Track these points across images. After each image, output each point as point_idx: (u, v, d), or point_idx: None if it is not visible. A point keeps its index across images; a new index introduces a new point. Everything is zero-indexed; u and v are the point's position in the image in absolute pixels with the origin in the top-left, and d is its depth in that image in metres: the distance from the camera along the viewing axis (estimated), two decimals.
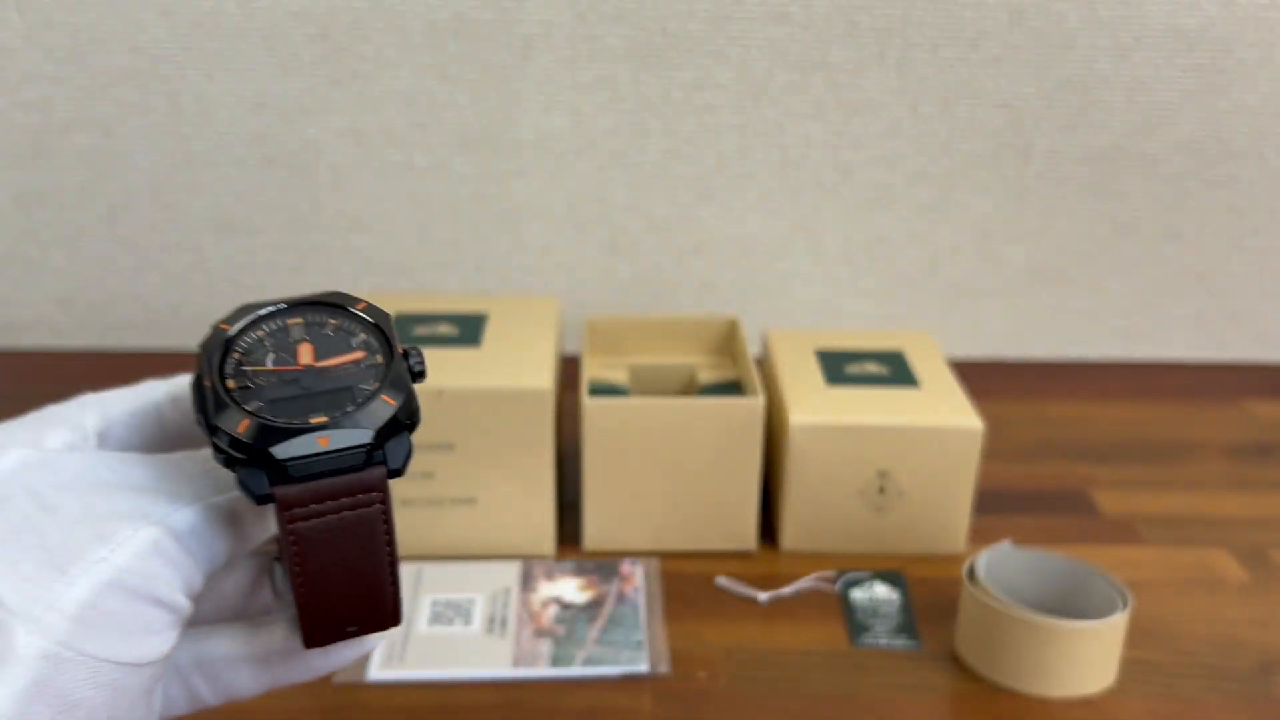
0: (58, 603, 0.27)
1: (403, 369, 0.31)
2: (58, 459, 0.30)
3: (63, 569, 0.27)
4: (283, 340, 0.32)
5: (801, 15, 0.79)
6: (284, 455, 0.28)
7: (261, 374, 0.30)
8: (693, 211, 0.85)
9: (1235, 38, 0.80)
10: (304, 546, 0.29)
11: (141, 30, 0.78)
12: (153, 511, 0.29)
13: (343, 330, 0.32)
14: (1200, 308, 0.89)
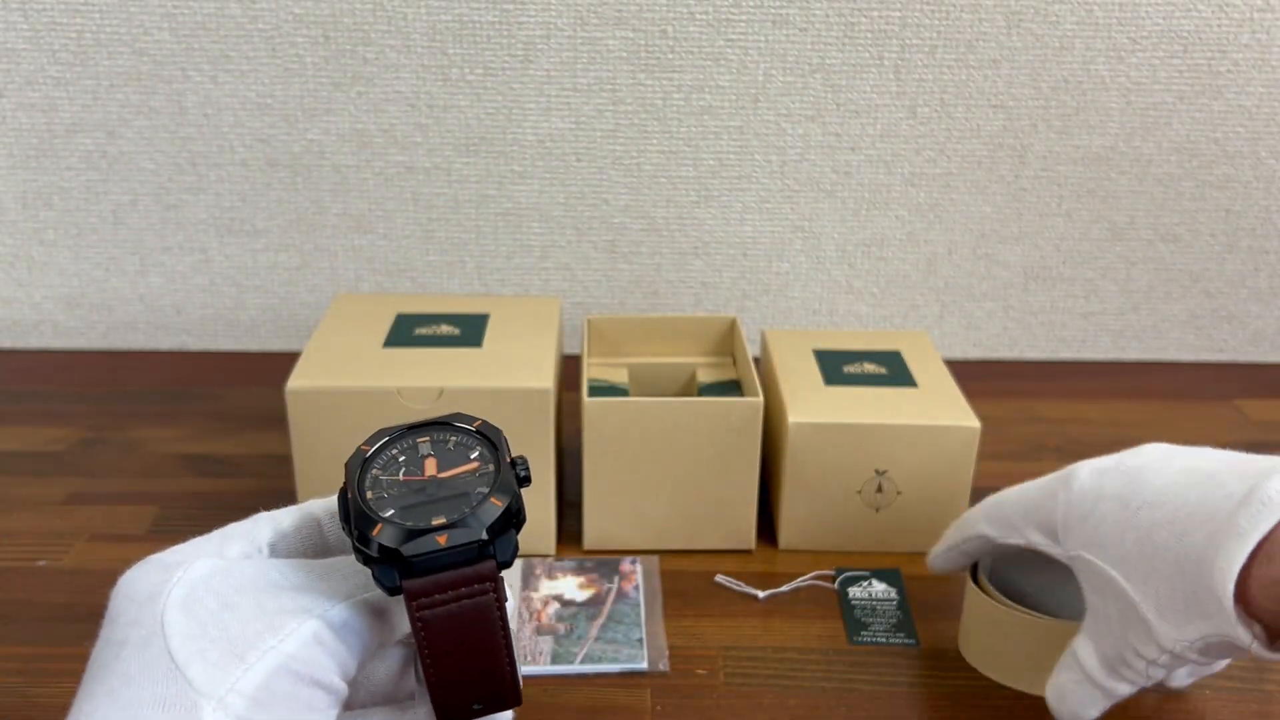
0: (238, 685, 0.32)
1: (510, 476, 0.36)
2: (236, 566, 0.35)
3: (241, 656, 0.32)
4: (412, 456, 0.37)
5: (800, 18, 0.79)
6: (410, 553, 0.33)
7: (395, 485, 0.36)
8: (692, 213, 0.85)
9: (1230, 40, 0.80)
10: (430, 632, 0.34)
11: (145, 33, 0.79)
12: (313, 607, 0.34)
13: (462, 445, 0.38)
14: (1195, 308, 0.89)
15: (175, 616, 0.33)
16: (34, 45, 0.79)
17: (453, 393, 0.60)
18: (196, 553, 0.36)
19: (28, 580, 0.61)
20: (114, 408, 0.79)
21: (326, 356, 0.63)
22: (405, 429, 0.38)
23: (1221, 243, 0.87)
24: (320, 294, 0.87)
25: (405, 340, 0.66)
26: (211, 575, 0.35)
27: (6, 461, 0.72)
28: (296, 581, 0.35)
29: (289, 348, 0.88)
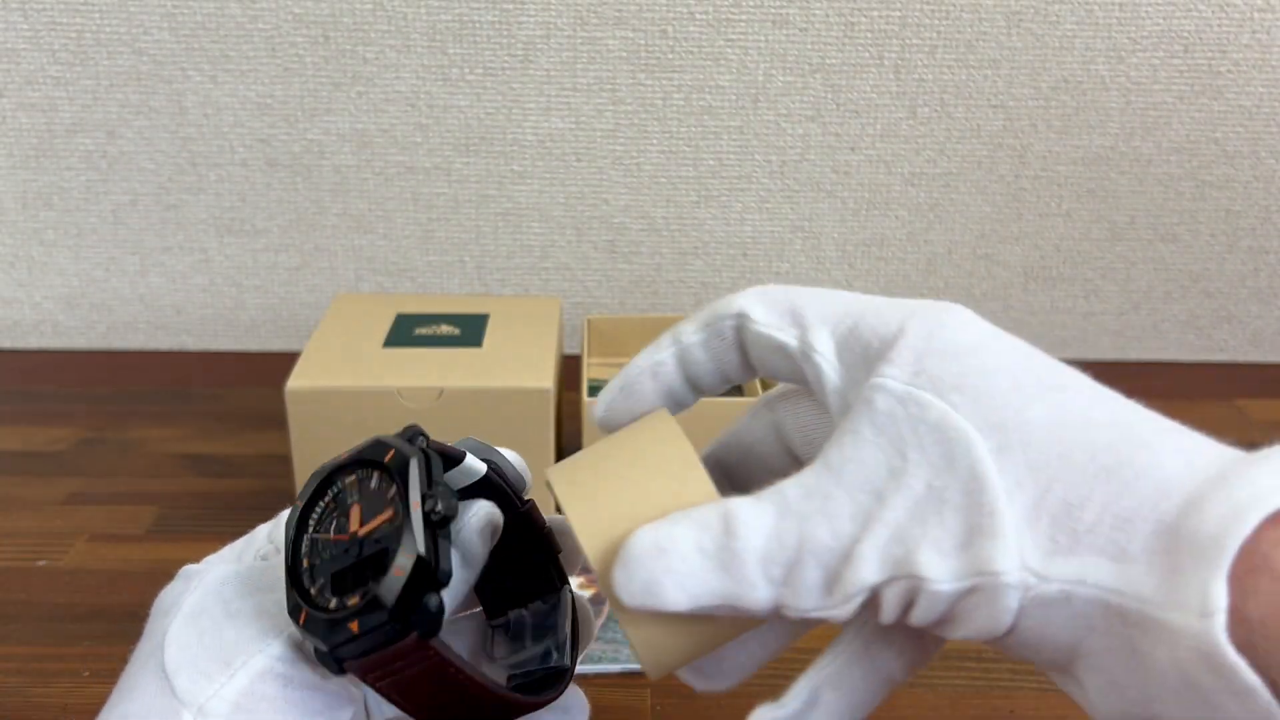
0: (221, 691, 0.32)
1: (418, 525, 0.31)
2: (249, 570, 0.36)
3: (228, 662, 0.32)
4: (343, 502, 0.34)
5: (800, 18, 0.79)
6: (330, 645, 0.31)
7: (326, 545, 0.33)
8: (692, 213, 0.85)
9: (1231, 40, 0.80)
10: (394, 697, 0.33)
11: (145, 33, 0.79)
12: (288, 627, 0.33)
13: (381, 485, 0.33)
14: (1195, 308, 0.89)
15: (178, 627, 0.33)
16: (34, 45, 0.79)
17: (453, 393, 0.60)
18: (220, 559, 0.37)
19: (27, 580, 0.61)
20: (114, 408, 0.79)
21: (326, 356, 0.63)
22: (332, 468, 0.35)
23: (1222, 243, 0.87)
24: (320, 294, 0.87)
25: (405, 340, 0.66)
26: (223, 583, 0.35)
27: (6, 461, 0.72)
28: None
29: (289, 348, 0.88)
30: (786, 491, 0.29)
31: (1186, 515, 0.25)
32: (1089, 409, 0.30)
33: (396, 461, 0.33)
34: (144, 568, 0.62)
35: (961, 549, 0.27)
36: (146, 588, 0.61)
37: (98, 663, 0.55)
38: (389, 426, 0.60)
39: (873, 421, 0.28)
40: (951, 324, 0.30)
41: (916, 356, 0.29)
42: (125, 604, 0.59)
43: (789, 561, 0.28)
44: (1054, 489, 0.27)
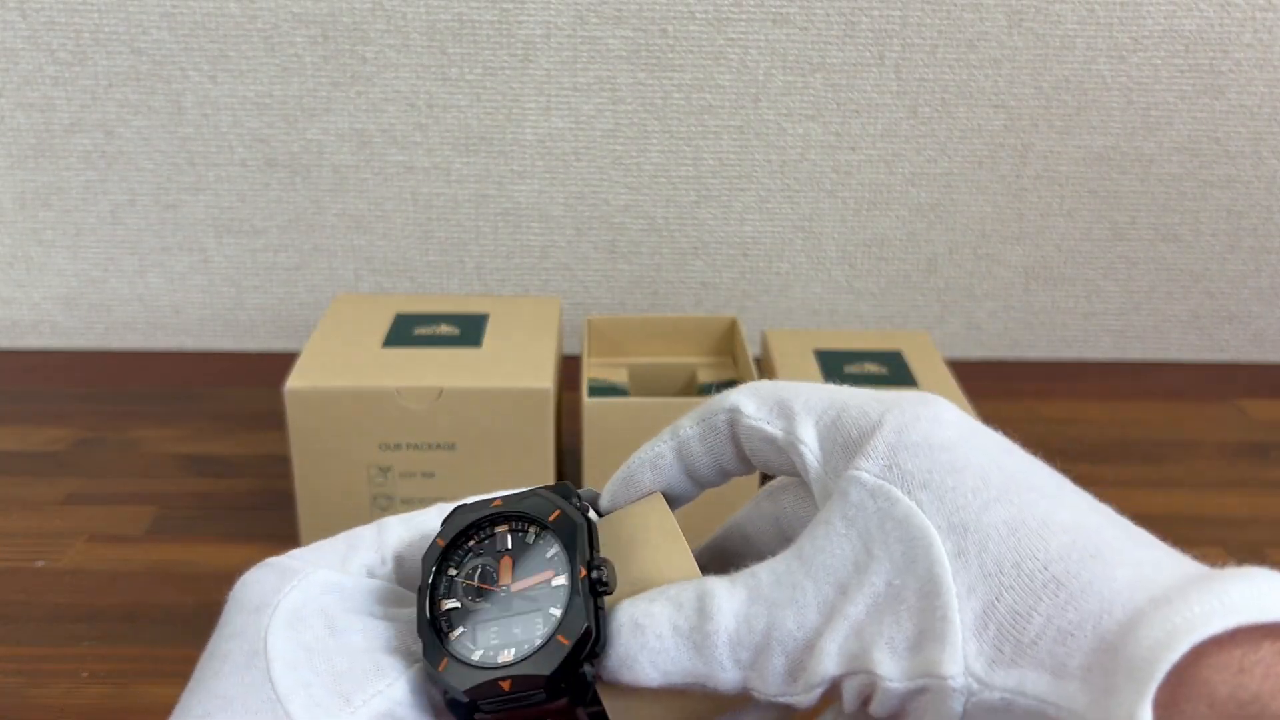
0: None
1: (583, 594, 0.31)
2: (352, 585, 0.33)
3: (347, 698, 0.29)
4: (490, 550, 0.33)
5: (800, 17, 0.79)
6: (471, 698, 0.30)
7: (470, 591, 0.32)
8: (692, 212, 0.85)
9: (1232, 39, 0.80)
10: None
11: (144, 32, 0.79)
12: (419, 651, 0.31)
13: (540, 541, 0.33)
14: (1196, 308, 0.89)
15: (280, 638, 0.30)
16: (32, 44, 0.79)
17: (452, 393, 0.60)
18: (317, 559, 0.33)
19: (26, 581, 0.61)
20: (112, 408, 0.79)
21: (325, 356, 0.63)
22: (486, 516, 0.34)
23: (1223, 242, 0.87)
24: (319, 294, 0.87)
25: (404, 340, 0.65)
26: (324, 592, 0.32)
27: (5, 461, 0.72)
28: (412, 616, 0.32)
29: (288, 348, 0.88)
30: (760, 576, 0.30)
31: (1124, 634, 0.25)
32: (1052, 513, 0.29)
33: (563, 525, 0.32)
34: (143, 568, 0.62)
35: (913, 650, 0.28)
36: (145, 588, 0.61)
37: (96, 663, 0.55)
38: (389, 427, 0.60)
39: (844, 514, 0.30)
40: (927, 418, 0.31)
41: (890, 450, 0.30)
42: (124, 604, 0.59)
43: (757, 647, 0.29)
44: (1004, 597, 0.27)
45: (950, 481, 0.29)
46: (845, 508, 0.30)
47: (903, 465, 0.30)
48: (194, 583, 0.61)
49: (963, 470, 0.29)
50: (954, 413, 0.31)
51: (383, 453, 0.61)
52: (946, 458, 0.30)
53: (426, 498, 0.61)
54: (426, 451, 0.61)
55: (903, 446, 0.30)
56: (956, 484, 0.29)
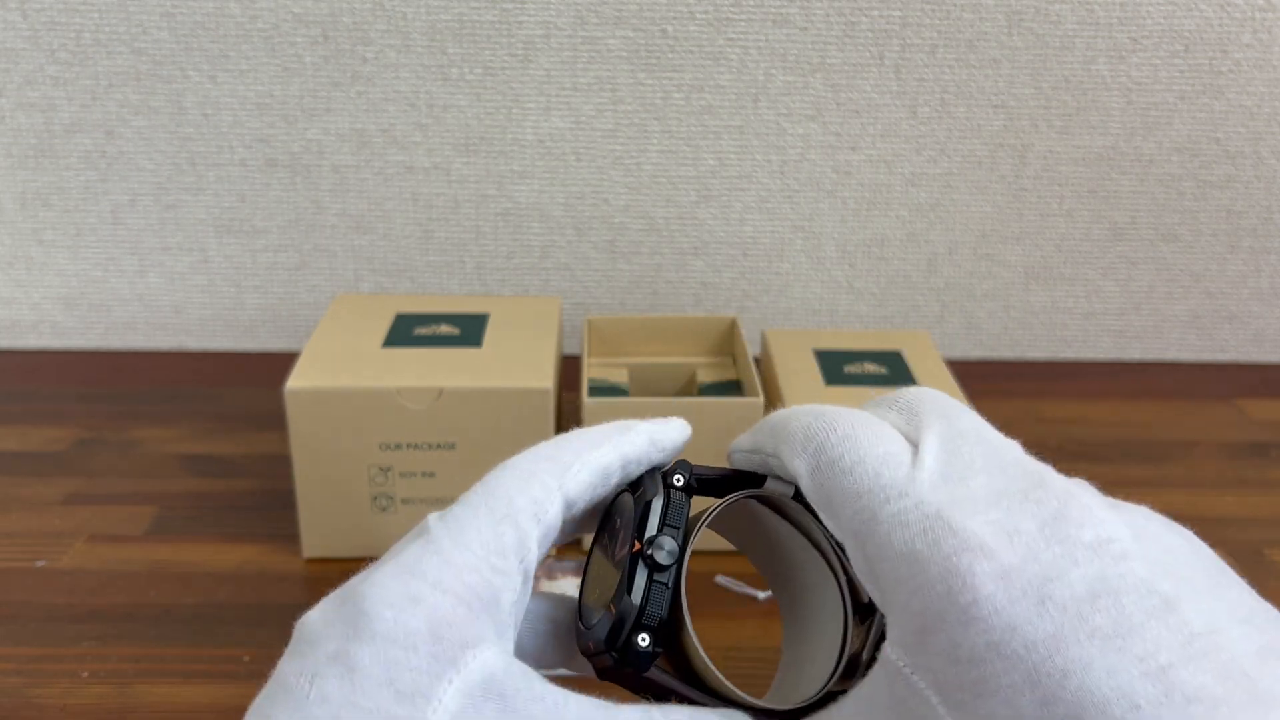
0: None
1: (633, 573, 0.31)
2: (516, 695, 0.26)
3: None
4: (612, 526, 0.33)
5: (800, 17, 0.79)
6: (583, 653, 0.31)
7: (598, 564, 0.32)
8: (692, 212, 0.85)
9: (1232, 39, 0.80)
10: None
11: (144, 32, 0.79)
12: None
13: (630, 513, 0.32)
14: (1196, 308, 0.89)
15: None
16: (33, 44, 0.79)
17: (452, 393, 0.60)
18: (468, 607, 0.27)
19: (26, 581, 0.61)
20: (112, 408, 0.79)
21: (326, 356, 0.63)
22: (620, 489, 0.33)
23: (1223, 242, 0.87)
24: (319, 294, 0.87)
25: (405, 340, 0.65)
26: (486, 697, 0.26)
27: (4, 461, 0.72)
28: None
29: (288, 348, 0.88)
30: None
31: None
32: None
33: (639, 499, 0.32)
34: (143, 568, 0.62)
35: None
36: (145, 588, 0.61)
37: (96, 663, 0.55)
38: (389, 427, 0.60)
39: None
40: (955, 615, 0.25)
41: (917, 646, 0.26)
42: (124, 604, 0.59)
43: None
44: None
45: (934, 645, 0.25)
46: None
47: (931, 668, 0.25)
48: (194, 583, 0.61)
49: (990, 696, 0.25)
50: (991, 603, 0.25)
51: (383, 453, 0.61)
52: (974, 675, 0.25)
53: (427, 498, 0.62)
54: (427, 451, 0.61)
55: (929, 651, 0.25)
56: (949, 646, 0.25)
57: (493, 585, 0.27)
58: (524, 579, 0.29)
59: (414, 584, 0.27)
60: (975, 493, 0.26)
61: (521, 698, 0.26)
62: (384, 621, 0.26)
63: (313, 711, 0.25)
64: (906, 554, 0.26)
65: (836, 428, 0.29)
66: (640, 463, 0.32)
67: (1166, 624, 0.23)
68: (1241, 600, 0.25)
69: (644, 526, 0.31)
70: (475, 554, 0.28)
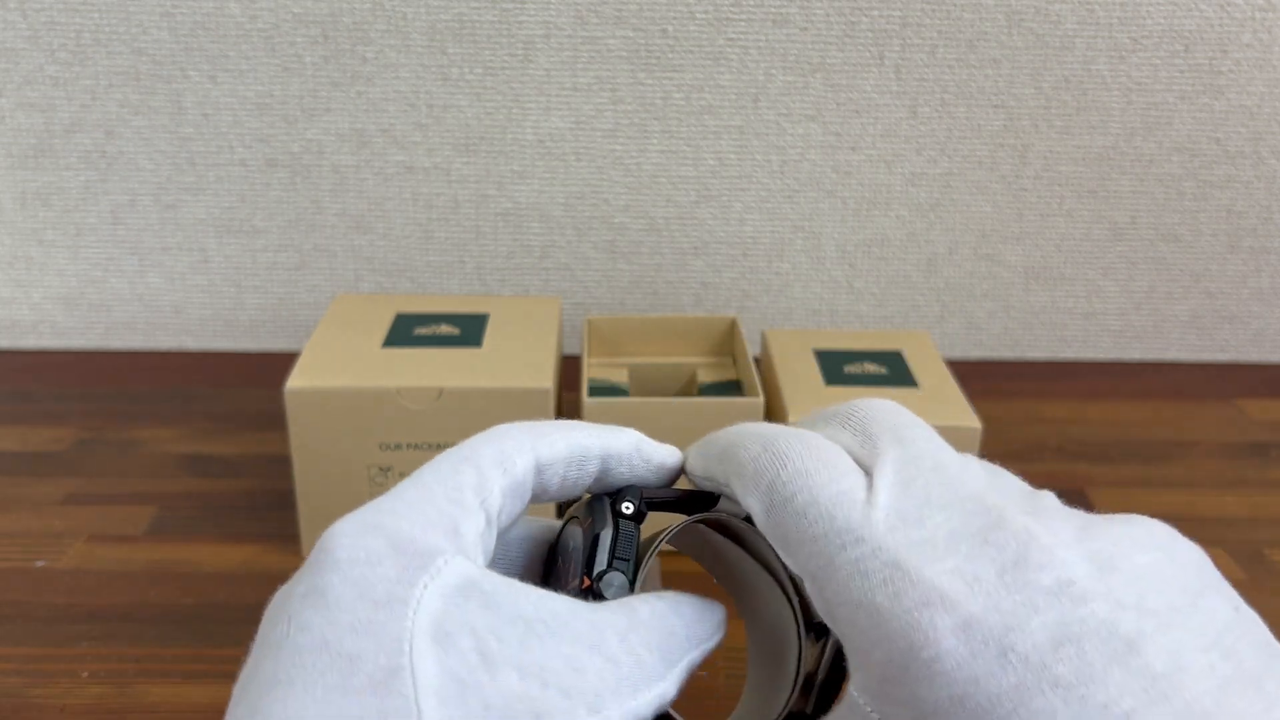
0: None
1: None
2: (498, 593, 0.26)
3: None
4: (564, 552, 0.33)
5: (800, 17, 0.79)
6: None
7: None
8: (692, 212, 0.85)
9: (1232, 39, 0.80)
10: None
11: (144, 32, 0.79)
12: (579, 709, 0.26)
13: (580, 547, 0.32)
14: (1196, 308, 0.89)
15: (430, 660, 0.25)
16: (32, 44, 0.79)
17: (452, 393, 0.60)
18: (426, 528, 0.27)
19: (25, 581, 0.61)
20: (112, 408, 0.79)
21: (326, 356, 0.63)
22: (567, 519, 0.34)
23: (1223, 242, 0.87)
24: (319, 294, 0.87)
25: (405, 340, 0.65)
26: (466, 597, 0.26)
27: (4, 461, 0.72)
28: (566, 637, 0.26)
29: (288, 348, 0.88)
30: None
31: None
32: None
33: (588, 532, 0.31)
34: (142, 568, 0.62)
35: None
36: (145, 588, 0.61)
37: (96, 663, 0.55)
38: (389, 427, 0.60)
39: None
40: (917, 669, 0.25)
41: (880, 696, 0.26)
42: (123, 604, 0.59)
43: None
44: None
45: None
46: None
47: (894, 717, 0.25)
48: (193, 583, 0.61)
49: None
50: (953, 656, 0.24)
51: (383, 453, 0.61)
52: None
53: None
54: (427, 451, 0.61)
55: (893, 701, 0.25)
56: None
57: (450, 515, 0.28)
58: (487, 520, 0.29)
59: (370, 516, 0.27)
60: (933, 535, 0.26)
61: (504, 594, 0.26)
62: (344, 549, 0.26)
63: (298, 641, 0.25)
64: (866, 605, 0.25)
65: (787, 463, 0.28)
66: (622, 463, 0.33)
67: (1128, 668, 0.23)
68: (1214, 618, 0.24)
69: (593, 561, 0.30)
70: (431, 489, 0.28)
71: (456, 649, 0.25)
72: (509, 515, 0.30)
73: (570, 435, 0.32)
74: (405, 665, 0.24)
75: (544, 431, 0.31)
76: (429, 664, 0.24)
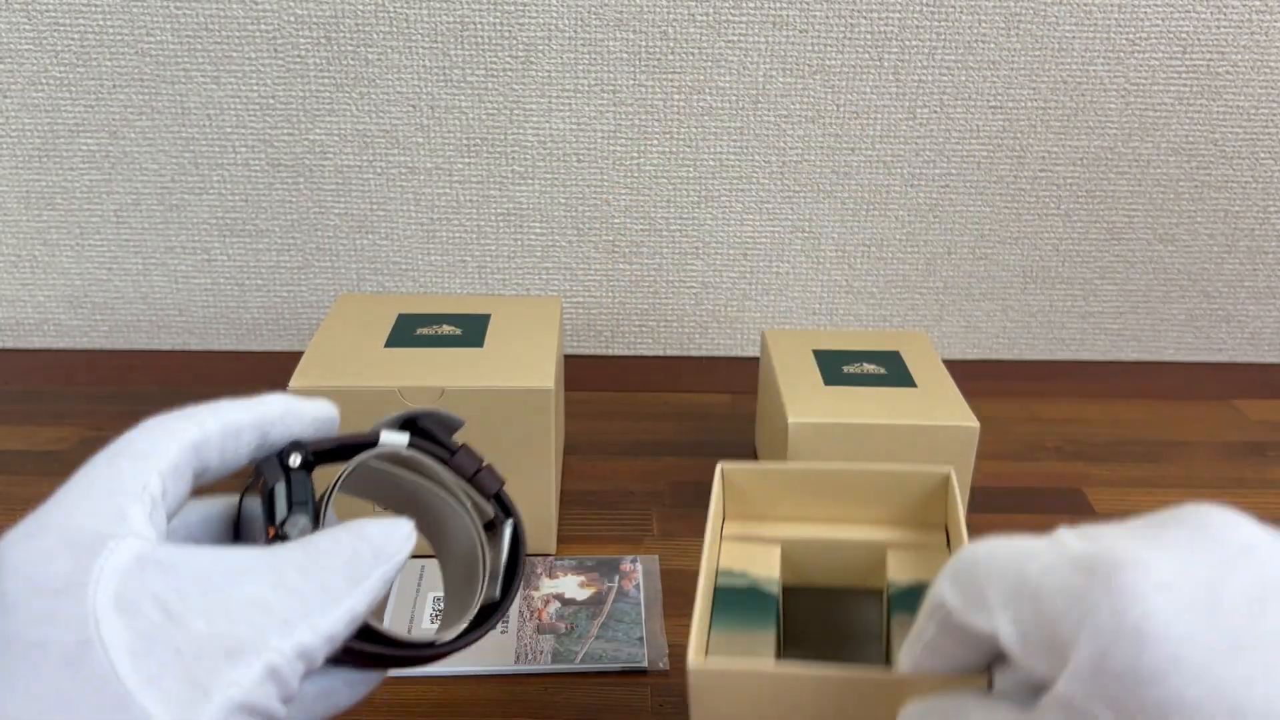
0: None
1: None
2: (172, 559, 0.29)
3: (205, 690, 0.27)
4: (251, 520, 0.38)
5: (800, 20, 0.80)
6: None
7: None
8: (692, 213, 0.85)
9: (1229, 42, 0.81)
10: None
11: (148, 34, 0.79)
12: (269, 636, 0.29)
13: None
14: (1193, 309, 0.90)
15: (115, 626, 0.27)
16: (37, 46, 0.79)
17: (454, 393, 0.60)
18: (94, 517, 0.30)
19: None
20: (116, 408, 0.79)
21: (328, 356, 0.63)
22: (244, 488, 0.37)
23: (1220, 244, 0.87)
24: (322, 294, 0.88)
25: (407, 340, 0.66)
26: (142, 568, 0.28)
27: (9, 461, 0.73)
28: (248, 593, 0.29)
29: (291, 348, 0.89)
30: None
31: None
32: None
33: (264, 490, 0.35)
34: None
35: None
36: None
37: None
38: None
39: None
40: (1128, 635, 0.25)
41: (1092, 677, 0.25)
42: None
43: None
44: None
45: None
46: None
47: (1109, 695, 0.25)
48: None
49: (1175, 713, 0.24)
50: (1163, 612, 0.25)
51: None
52: (1156, 695, 0.24)
53: None
54: None
55: (1106, 676, 0.25)
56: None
57: (115, 503, 0.30)
58: (152, 502, 0.31)
59: (38, 519, 0.30)
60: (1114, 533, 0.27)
61: (179, 558, 0.29)
62: (15, 555, 0.28)
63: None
64: (1065, 589, 0.26)
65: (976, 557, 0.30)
66: (277, 425, 0.36)
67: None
68: None
69: (273, 512, 0.33)
70: (92, 484, 0.31)
71: (140, 613, 0.27)
72: (175, 497, 0.33)
73: (220, 413, 0.35)
74: (93, 637, 0.26)
75: (192, 414, 0.34)
76: (117, 630, 0.27)
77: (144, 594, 0.28)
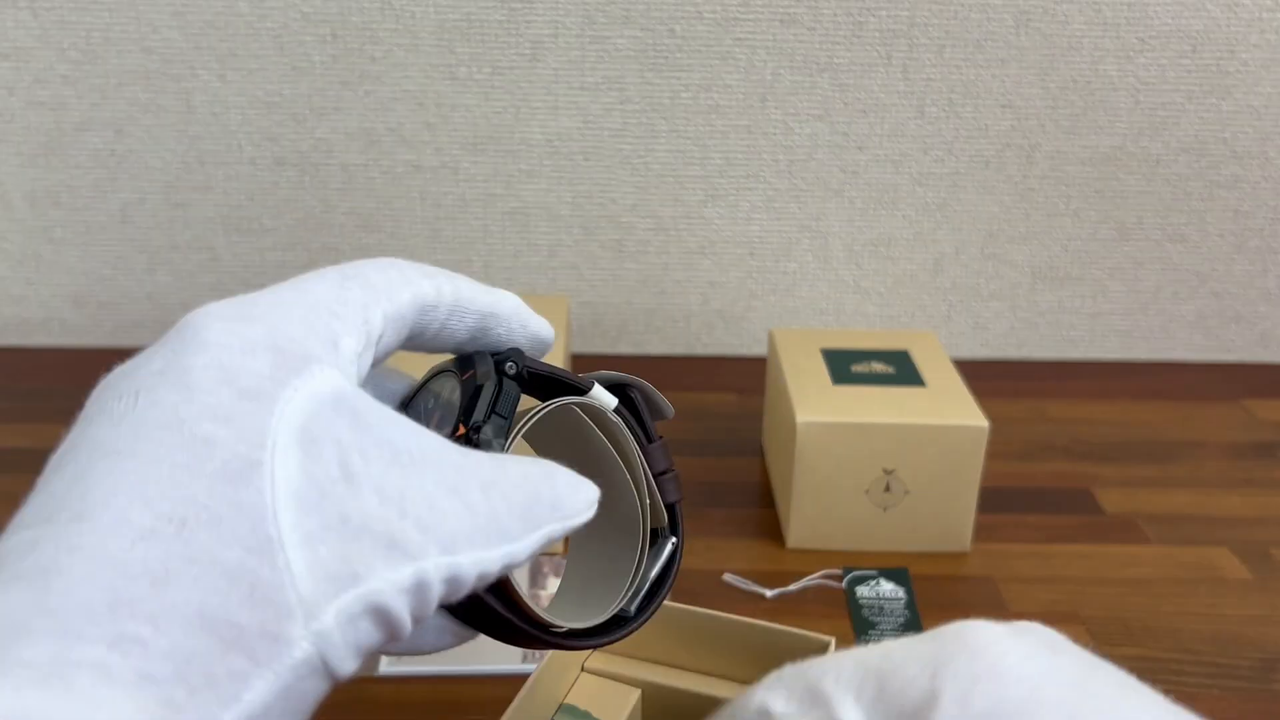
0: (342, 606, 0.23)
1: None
2: (369, 412, 0.25)
3: (355, 573, 0.23)
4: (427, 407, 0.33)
5: (808, 17, 0.79)
6: None
7: None
8: (699, 212, 0.85)
9: (1239, 40, 0.80)
10: None
11: (154, 31, 0.79)
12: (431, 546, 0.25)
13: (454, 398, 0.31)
14: (1203, 309, 0.89)
15: (293, 461, 0.23)
16: (43, 43, 0.79)
17: None
18: (307, 332, 0.26)
19: None
20: None
21: None
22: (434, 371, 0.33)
23: (1230, 243, 0.87)
24: None
25: None
26: (336, 408, 0.25)
27: (14, 459, 0.73)
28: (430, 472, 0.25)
29: None
30: None
31: None
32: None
33: (468, 383, 0.30)
34: None
35: None
36: None
37: None
38: None
39: None
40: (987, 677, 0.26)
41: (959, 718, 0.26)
42: None
43: None
44: None
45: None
46: None
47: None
48: None
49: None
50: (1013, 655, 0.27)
51: None
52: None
53: None
54: None
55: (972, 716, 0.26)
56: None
57: (331, 327, 0.26)
58: (367, 341, 0.27)
59: (247, 307, 0.26)
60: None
61: (376, 415, 0.25)
62: (216, 332, 0.25)
63: (145, 415, 0.24)
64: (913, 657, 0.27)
65: None
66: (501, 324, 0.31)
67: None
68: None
69: (472, 411, 0.29)
70: (316, 295, 0.27)
71: (320, 457, 0.24)
72: (386, 346, 0.29)
73: (457, 283, 0.30)
74: (265, 461, 0.23)
75: (432, 273, 0.30)
76: (291, 465, 0.23)
77: (330, 439, 0.24)
